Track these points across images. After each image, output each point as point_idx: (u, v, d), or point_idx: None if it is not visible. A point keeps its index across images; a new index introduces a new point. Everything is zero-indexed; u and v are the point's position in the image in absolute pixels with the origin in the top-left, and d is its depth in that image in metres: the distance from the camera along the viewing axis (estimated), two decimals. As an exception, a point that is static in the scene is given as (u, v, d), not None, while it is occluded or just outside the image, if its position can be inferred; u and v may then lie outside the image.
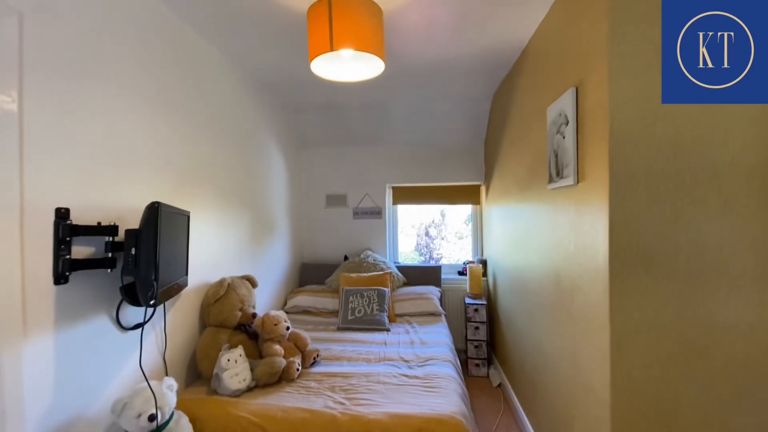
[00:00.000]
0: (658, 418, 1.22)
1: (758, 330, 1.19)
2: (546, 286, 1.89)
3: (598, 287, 1.31)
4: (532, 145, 2.10)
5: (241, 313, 2.05)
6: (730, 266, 1.20)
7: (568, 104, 1.54)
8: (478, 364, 3.18)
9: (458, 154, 3.65)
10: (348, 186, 3.76)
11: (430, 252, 4.34)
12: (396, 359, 2.17)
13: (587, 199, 1.41)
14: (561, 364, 1.69)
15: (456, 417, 1.52)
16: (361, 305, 2.87)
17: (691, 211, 1.21)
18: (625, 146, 1.24)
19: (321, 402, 1.70)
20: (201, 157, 2.08)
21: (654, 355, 1.22)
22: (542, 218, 1.95)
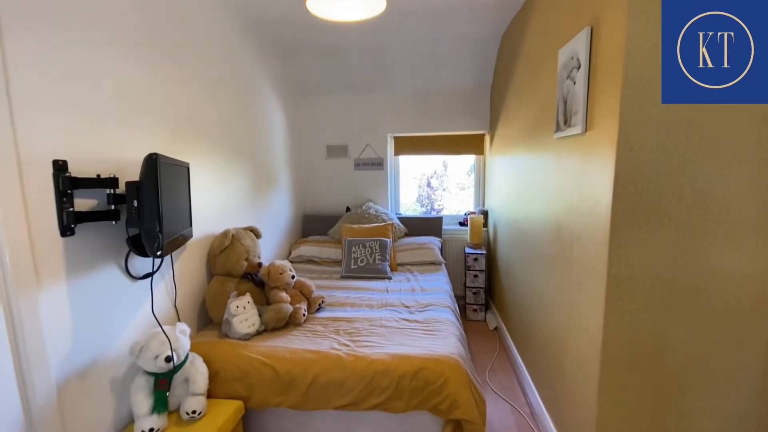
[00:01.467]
0: (644, 357, 1.29)
1: (752, 278, 1.22)
2: (546, 236, 1.91)
3: (598, 237, 1.33)
4: (540, 91, 2.01)
5: (246, 263, 2.10)
6: (732, 217, 1.20)
7: (582, 46, 1.45)
8: (476, 309, 3.32)
9: (463, 101, 3.51)
10: (349, 136, 3.68)
11: (431, 203, 4.35)
12: (397, 305, 2.26)
13: (594, 148, 1.38)
14: (556, 309, 1.76)
15: (453, 357, 1.61)
16: (363, 255, 2.93)
17: (699, 161, 1.19)
18: (638, 93, 1.18)
19: (327, 344, 1.79)
20: (196, 106, 2.01)
21: (647, 301, 1.26)
22: (546, 169, 1.92)
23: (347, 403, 1.60)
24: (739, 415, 1.30)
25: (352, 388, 1.59)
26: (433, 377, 1.54)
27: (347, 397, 1.59)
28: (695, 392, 1.29)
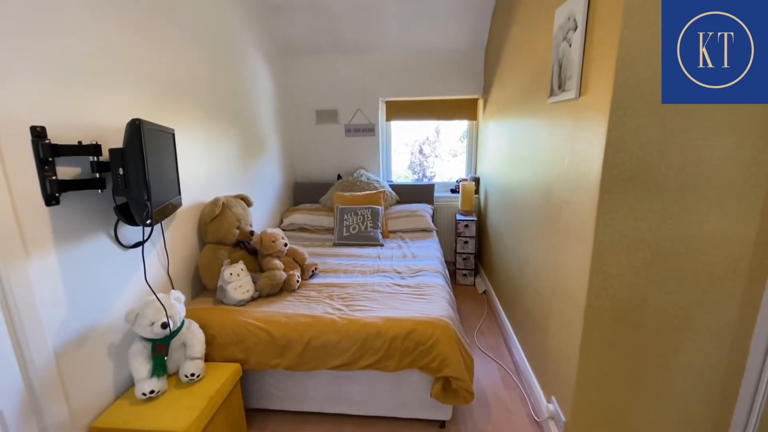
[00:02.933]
0: (625, 317, 1.35)
1: (731, 242, 1.26)
2: (536, 201, 1.94)
3: (587, 202, 1.34)
4: (536, 53, 1.96)
5: (238, 231, 2.10)
6: (717, 183, 1.22)
7: (579, 6, 1.40)
8: (466, 274, 3.40)
9: (457, 63, 3.41)
10: (338, 101, 3.58)
11: (423, 170, 4.33)
12: (389, 271, 2.30)
13: (587, 113, 1.37)
14: (543, 273, 1.82)
15: (443, 319, 1.67)
16: (355, 223, 2.95)
17: (690, 126, 1.19)
18: (634, 57, 1.16)
19: (321, 309, 1.84)
20: (181, 70, 1.92)
21: (630, 264, 1.30)
22: (539, 134, 1.91)
23: (341, 364, 1.66)
24: (711, 370, 1.38)
25: (346, 349, 1.65)
26: (424, 338, 1.61)
27: (341, 358, 1.65)
28: (672, 349, 1.37)
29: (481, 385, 2.04)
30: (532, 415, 1.81)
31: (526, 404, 1.89)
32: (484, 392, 2.00)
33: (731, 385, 1.39)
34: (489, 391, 2.00)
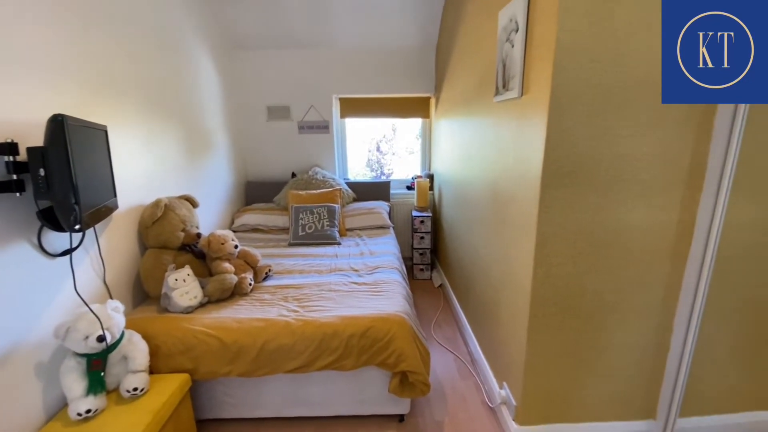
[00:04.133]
0: (566, 303, 1.45)
1: (655, 230, 1.39)
2: (485, 197, 2.01)
3: (530, 197, 1.42)
4: (482, 53, 2.03)
5: (183, 234, 1.99)
6: (642, 177, 1.34)
7: (520, 9, 1.47)
8: (423, 269, 3.47)
9: (409, 61, 3.45)
10: (291, 97, 3.49)
11: (381, 167, 4.34)
12: (346, 269, 2.29)
13: (529, 112, 1.44)
14: (493, 265, 1.89)
15: (399, 314, 1.69)
16: (311, 221, 2.90)
17: (619, 125, 1.29)
18: (570, 58, 1.23)
19: (275, 311, 1.79)
20: (114, 63, 1.77)
21: (568, 254, 1.39)
22: (486, 132, 1.98)
23: (298, 366, 1.63)
24: (642, 346, 1.52)
25: (302, 351, 1.62)
26: (381, 335, 1.62)
27: (297, 360, 1.62)
28: (607, 331, 1.49)
29: (437, 377, 2.09)
30: (486, 402, 1.89)
31: (480, 392, 1.97)
32: (440, 383, 2.05)
33: (659, 360, 1.53)
34: (445, 382, 2.06)
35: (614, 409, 1.58)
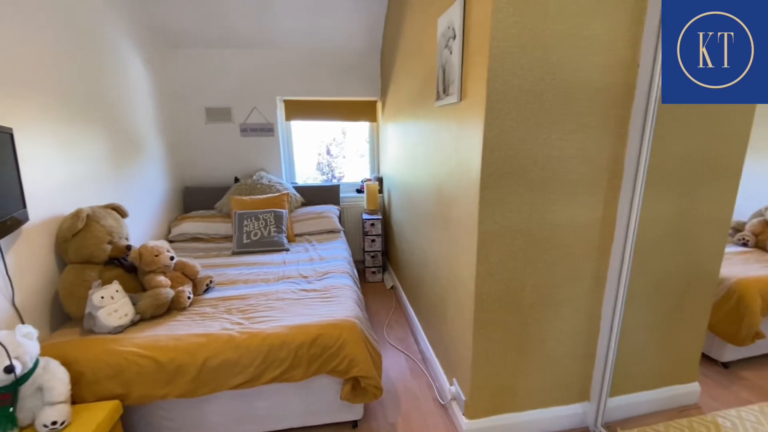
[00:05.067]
0: (507, 298, 1.52)
1: (585, 227, 1.50)
2: (431, 198, 2.06)
3: (471, 197, 1.47)
4: (424, 58, 2.08)
5: (110, 246, 1.82)
6: (571, 178, 1.44)
7: (457, 16, 1.52)
8: (374, 271, 3.48)
9: (355, 65, 3.45)
10: (232, 98, 3.34)
11: (332, 171, 4.29)
12: (295, 276, 2.22)
13: (468, 116, 1.49)
14: (440, 264, 1.94)
15: (350, 319, 1.67)
16: (257, 228, 2.78)
17: (549, 128, 1.38)
18: (503, 65, 1.30)
19: (217, 325, 1.69)
20: (17, 57, 1.57)
21: (508, 251, 1.47)
22: (430, 135, 2.03)
23: (244, 381, 1.55)
24: (575, 334, 1.63)
25: (247, 365, 1.54)
26: (331, 342, 1.59)
27: (243, 375, 1.54)
28: (545, 321, 1.58)
29: (390, 378, 2.10)
30: (437, 399, 1.92)
31: (432, 389, 2.01)
32: (393, 384, 2.06)
33: (591, 346, 1.66)
34: (398, 383, 2.07)
35: (554, 395, 1.69)
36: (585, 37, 1.32)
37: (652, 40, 1.32)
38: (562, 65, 1.33)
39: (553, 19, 1.29)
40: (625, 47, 1.36)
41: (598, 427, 1.68)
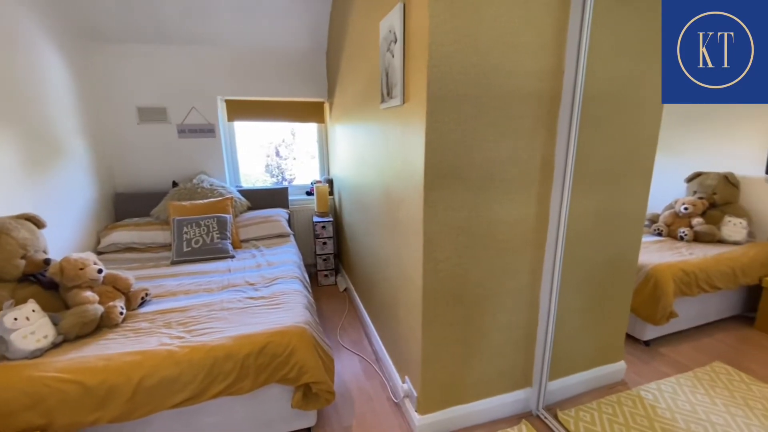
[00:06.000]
0: (453, 293, 1.57)
1: (521, 223, 1.60)
2: (380, 200, 2.08)
3: (416, 198, 1.51)
4: (368, 61, 2.09)
5: (24, 261, 1.63)
6: (506, 177, 1.52)
7: (397, 21, 1.55)
8: (327, 274, 3.44)
9: (300, 65, 3.39)
10: (167, 97, 3.13)
11: (281, 173, 4.18)
12: (241, 284, 2.14)
13: (411, 119, 1.53)
14: (390, 264, 1.97)
15: (299, 325, 1.64)
16: (198, 235, 2.64)
17: (486, 131, 1.45)
18: (441, 69, 1.34)
19: (155, 341, 1.58)
20: None
21: (452, 248, 1.52)
22: (377, 137, 2.05)
23: (186, 399, 1.46)
24: (516, 324, 1.73)
25: (189, 381, 1.46)
26: (280, 349, 1.54)
27: (185, 392, 1.45)
28: (488, 314, 1.66)
29: (344, 381, 2.09)
30: (391, 398, 1.95)
31: (386, 389, 2.02)
32: (347, 387, 2.05)
33: (530, 335, 1.76)
34: (352, 385, 2.06)
35: (499, 384, 1.77)
36: (516, 44, 1.41)
37: (574, 50, 1.44)
38: (496, 70, 1.41)
39: (488, 27, 1.36)
40: (552, 55, 1.47)
41: (539, 411, 1.80)
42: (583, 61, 1.44)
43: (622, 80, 1.59)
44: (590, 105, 1.53)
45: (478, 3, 1.33)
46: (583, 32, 1.42)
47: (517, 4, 1.38)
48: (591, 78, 1.50)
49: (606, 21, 1.48)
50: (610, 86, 1.57)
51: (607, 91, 1.57)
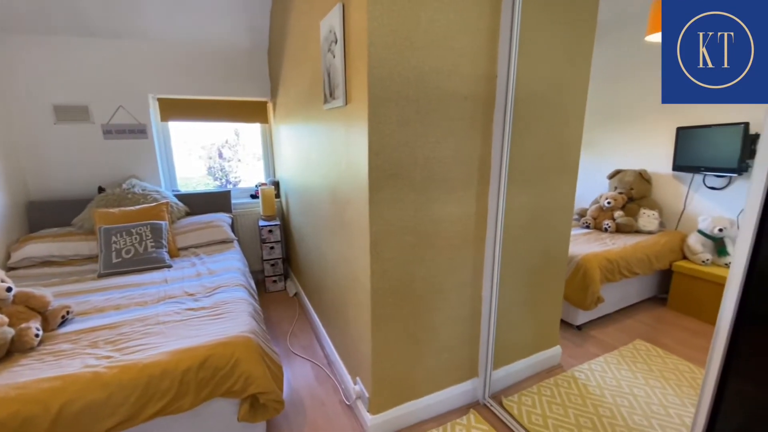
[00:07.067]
0: (401, 292, 1.60)
1: (462, 220, 1.66)
2: (327, 201, 2.05)
3: (362, 199, 1.51)
4: (310, 60, 2.06)
5: None
6: (449, 176, 1.58)
7: (337, 21, 1.54)
8: (275, 280, 3.34)
9: (240, 63, 3.25)
10: (90, 94, 2.86)
11: (226, 176, 3.99)
12: (179, 295, 2.00)
13: (354, 120, 1.53)
14: (339, 266, 1.95)
15: (244, 335, 1.57)
16: (129, 244, 2.43)
17: (426, 132, 1.49)
18: (381, 71, 1.36)
19: (78, 363, 1.43)
20: None
21: (399, 247, 1.54)
22: (322, 138, 2.03)
23: (118, 423, 1.34)
24: (462, 317, 1.79)
25: (120, 403, 1.34)
26: (222, 362, 1.47)
27: (116, 416, 1.33)
28: (435, 308, 1.70)
29: (295, 388, 2.04)
30: (344, 401, 1.93)
31: (338, 392, 2.00)
32: (298, 394, 2.00)
33: (475, 327, 1.84)
34: (303, 392, 2.02)
35: (448, 377, 1.83)
36: (452, 48, 1.46)
37: (506, 55, 1.53)
38: (435, 73, 1.45)
39: (425, 30, 1.40)
40: (486, 60, 1.54)
41: (486, 399, 1.88)
42: (513, 65, 1.53)
43: (549, 84, 1.72)
44: (521, 107, 1.64)
45: (416, 7, 1.37)
46: (513, 38, 1.51)
47: (452, 10, 1.43)
48: (521, 82, 1.60)
49: (534, 28, 1.59)
50: (538, 90, 1.69)
51: (537, 94, 1.69)
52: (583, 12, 1.73)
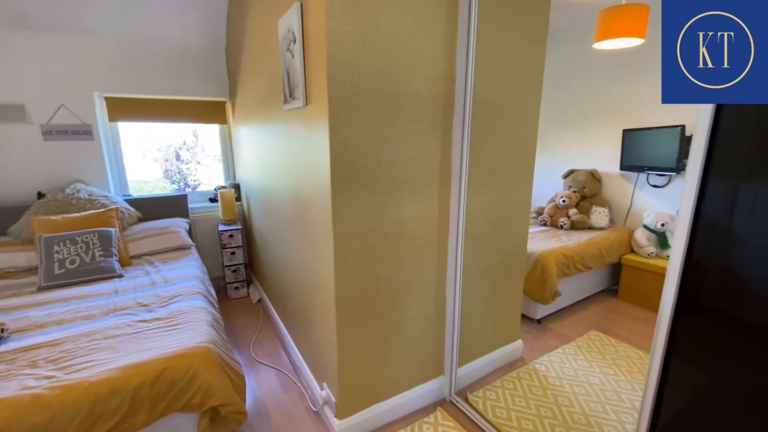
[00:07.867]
0: (366, 292, 1.59)
1: (425, 219, 1.68)
2: (288, 203, 2.01)
3: (324, 201, 1.49)
4: (269, 60, 2.01)
5: None
6: (410, 178, 1.59)
7: (295, 21, 1.51)
8: (238, 286, 3.23)
9: (198, 62, 3.12)
10: (25, 93, 2.63)
11: (184, 179, 3.80)
12: (131, 306, 1.89)
13: (314, 121, 1.50)
14: (303, 270, 1.91)
15: (202, 345, 1.51)
16: (74, 253, 2.26)
17: (388, 133, 1.50)
18: (341, 72, 1.35)
19: (15, 385, 1.31)
20: None
21: (363, 249, 1.54)
22: (282, 139, 1.98)
23: (61, 448, 1.24)
24: (427, 317, 1.81)
25: (64, 426, 1.24)
26: (179, 374, 1.40)
27: (59, 440, 1.23)
28: (401, 309, 1.71)
29: (259, 398, 1.98)
30: (310, 407, 1.89)
31: (304, 399, 1.96)
32: (263, 403, 1.94)
33: (440, 325, 1.87)
34: (268, 400, 1.96)
35: (415, 376, 1.84)
36: (412, 50, 1.48)
37: (463, 58, 1.56)
38: (394, 74, 1.46)
39: (383, 32, 1.40)
40: (445, 63, 1.57)
41: (452, 396, 1.91)
42: (471, 68, 1.57)
43: (505, 88, 1.78)
44: (479, 110, 1.68)
45: (374, 9, 1.37)
46: (470, 43, 1.55)
47: (410, 13, 1.44)
48: (479, 85, 1.65)
49: (489, 32, 1.64)
50: (495, 93, 1.74)
51: (494, 97, 1.74)
52: (536, 17, 1.81)
